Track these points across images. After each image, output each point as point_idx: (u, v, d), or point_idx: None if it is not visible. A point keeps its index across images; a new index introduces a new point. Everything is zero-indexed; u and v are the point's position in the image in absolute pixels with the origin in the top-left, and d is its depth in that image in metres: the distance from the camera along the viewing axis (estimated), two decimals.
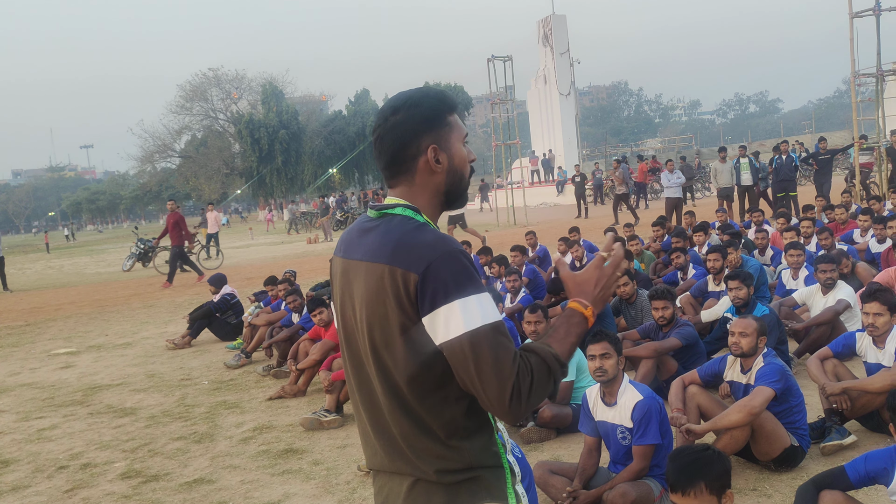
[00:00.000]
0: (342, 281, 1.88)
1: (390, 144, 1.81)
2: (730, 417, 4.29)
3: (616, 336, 4.37)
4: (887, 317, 4.77)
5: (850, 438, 4.65)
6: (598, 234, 15.79)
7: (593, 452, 4.33)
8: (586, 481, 4.22)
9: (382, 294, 1.70)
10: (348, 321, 1.86)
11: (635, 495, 3.87)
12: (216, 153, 61.77)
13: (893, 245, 7.28)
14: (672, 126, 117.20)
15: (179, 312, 13.16)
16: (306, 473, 5.21)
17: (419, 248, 1.68)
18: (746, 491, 4.25)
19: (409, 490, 1.78)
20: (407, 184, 1.85)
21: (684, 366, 5.75)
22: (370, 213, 1.89)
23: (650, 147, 59.51)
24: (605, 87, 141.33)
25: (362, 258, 1.79)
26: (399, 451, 1.78)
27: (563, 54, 38.09)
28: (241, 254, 27.12)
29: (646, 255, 10.37)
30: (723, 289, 7.17)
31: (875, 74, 17.83)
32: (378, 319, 1.72)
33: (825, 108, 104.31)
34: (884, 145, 17.40)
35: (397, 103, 1.83)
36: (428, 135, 1.81)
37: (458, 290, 1.64)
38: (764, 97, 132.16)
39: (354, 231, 1.91)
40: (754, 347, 4.54)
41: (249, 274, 18.49)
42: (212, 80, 62.85)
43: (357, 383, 1.88)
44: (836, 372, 4.95)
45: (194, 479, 5.32)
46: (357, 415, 1.93)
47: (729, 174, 17.33)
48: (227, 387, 7.92)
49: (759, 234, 10.14)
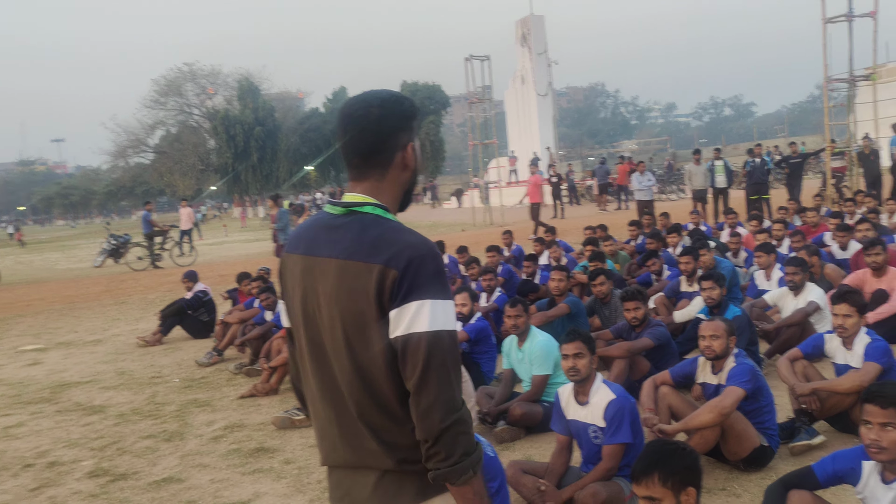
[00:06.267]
0: (303, 278, 1.87)
1: (374, 135, 1.85)
2: (700, 418, 4.31)
3: (590, 335, 4.37)
4: (856, 318, 4.83)
5: (819, 439, 4.70)
6: (574, 235, 15.85)
7: (564, 451, 4.33)
8: (557, 480, 4.23)
9: (362, 291, 1.73)
10: (311, 318, 1.85)
11: (606, 495, 3.88)
12: (191, 149, 61.11)
13: (863, 248, 7.37)
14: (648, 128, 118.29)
15: (151, 309, 13.01)
16: (277, 472, 5.16)
17: (401, 246, 1.73)
18: (716, 490, 4.28)
19: (377, 483, 1.80)
20: (377, 178, 1.88)
21: (657, 366, 5.77)
22: (332, 209, 1.89)
23: (626, 149, 59.93)
24: (582, 89, 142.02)
25: (335, 256, 1.79)
26: (367, 445, 1.79)
27: (540, 55, 38.15)
28: (214, 251, 26.90)
29: (620, 256, 10.42)
30: (696, 289, 7.22)
31: (847, 80, 18.10)
32: (354, 316, 1.75)
33: (798, 112, 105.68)
34: (855, 150, 17.65)
35: (377, 99, 1.87)
36: (406, 132, 1.88)
37: (432, 291, 1.71)
38: (739, 101, 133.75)
39: (316, 228, 1.90)
40: (726, 348, 4.58)
41: (223, 271, 18.33)
42: (187, 74, 62.17)
43: (318, 380, 1.87)
44: (805, 373, 4.99)
45: (163, 478, 5.25)
46: (314, 412, 1.93)
47: (703, 176, 17.51)
48: (199, 385, 7.84)
49: (733, 237, 10.26)
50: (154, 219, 22.63)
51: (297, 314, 1.90)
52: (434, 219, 32.01)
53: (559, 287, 7.44)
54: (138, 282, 18.43)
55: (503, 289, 8.98)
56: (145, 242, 22.15)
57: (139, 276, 20.12)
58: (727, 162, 18.08)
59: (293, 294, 1.91)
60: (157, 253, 22.07)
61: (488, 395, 5.85)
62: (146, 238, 22.08)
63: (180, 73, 62.09)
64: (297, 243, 1.92)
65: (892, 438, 2.88)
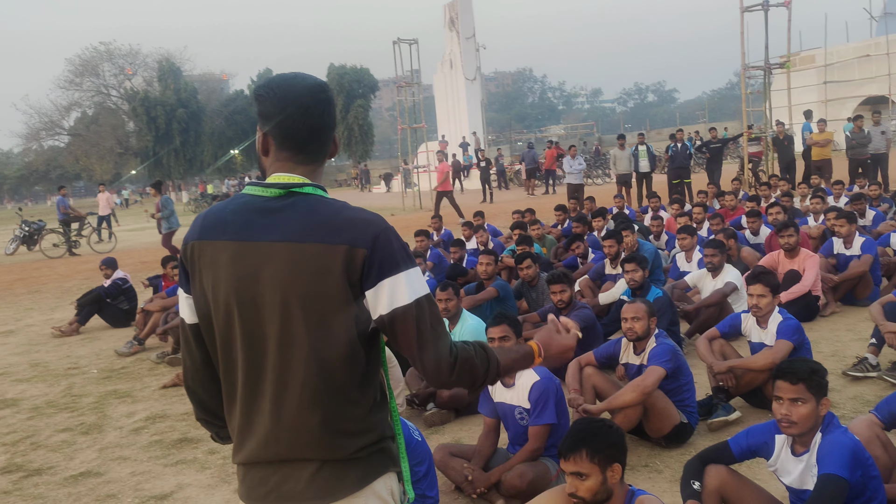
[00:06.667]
0: (234, 265, 1.76)
1: (321, 119, 1.83)
2: (624, 397, 4.42)
3: (515, 318, 4.41)
4: (769, 298, 5.02)
5: (736, 414, 4.88)
6: (502, 219, 15.99)
7: (491, 434, 4.37)
8: (485, 462, 4.27)
9: (324, 273, 1.69)
10: (247, 308, 1.75)
11: (532, 475, 3.93)
12: (109, 131, 58.99)
13: (776, 231, 7.66)
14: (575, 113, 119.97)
15: (67, 298, 12.53)
16: (201, 463, 5.05)
17: (362, 225, 1.73)
18: (639, 467, 4.39)
19: (314, 475, 1.74)
20: (315, 163, 1.86)
21: (582, 347, 5.84)
22: (263, 191, 1.80)
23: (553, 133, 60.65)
24: (510, 74, 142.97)
25: (284, 239, 1.72)
26: (311, 436, 1.73)
27: (468, 39, 38.17)
28: (135, 237, 26.07)
29: (547, 240, 10.56)
30: (620, 272, 7.37)
31: (763, 67, 18.73)
32: (313, 300, 1.70)
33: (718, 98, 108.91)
34: (770, 135, 18.31)
35: (317, 85, 1.85)
36: (335, 119, 1.90)
37: (403, 263, 1.74)
38: (661, 87, 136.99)
39: (247, 212, 1.79)
40: (647, 330, 4.69)
41: (144, 258, 17.80)
42: (103, 54, 60.01)
43: (253, 373, 1.77)
44: (722, 351, 5.17)
45: (80, 473, 5.07)
46: (239, 409, 1.82)
47: (627, 161, 17.86)
48: (118, 375, 7.59)
49: (655, 220, 10.52)
50: (70, 204, 21.78)
51: (222, 306, 1.78)
52: (363, 203, 31.55)
53: (487, 271, 7.49)
54: (54, 270, 17.73)
55: (432, 273, 9.00)
56: (61, 229, 21.32)
57: (55, 263, 19.36)
58: (650, 147, 18.52)
59: (214, 284, 1.79)
60: (73, 239, 21.28)
61: (419, 377, 5.86)
62: (62, 224, 21.25)
63: (96, 53, 59.90)
64: (222, 228, 1.79)
65: (802, 413, 3.00)
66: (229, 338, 1.79)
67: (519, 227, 10.20)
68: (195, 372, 1.93)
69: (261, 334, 1.75)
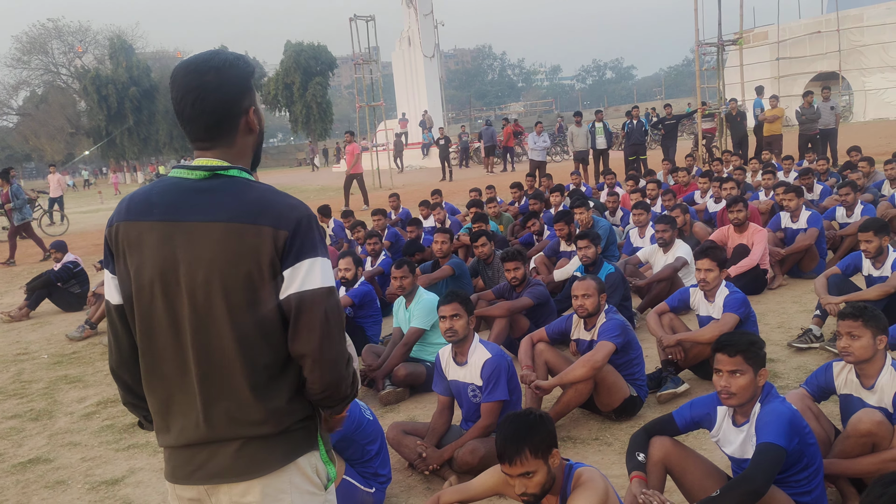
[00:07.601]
0: (162, 246, 1.76)
1: (216, 104, 1.79)
2: (575, 372, 4.48)
3: (467, 296, 4.43)
4: (717, 272, 5.12)
5: (684, 387, 4.98)
6: (460, 197, 15.98)
7: (445, 411, 4.40)
8: (438, 439, 4.30)
9: (250, 252, 1.72)
10: (172, 288, 1.76)
11: (484, 451, 3.98)
12: (59, 111, 57.40)
13: (727, 206, 7.80)
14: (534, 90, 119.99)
15: (16, 283, 12.26)
16: (154, 447, 5.00)
17: (286, 208, 1.76)
18: (589, 441, 4.47)
19: (239, 451, 1.77)
20: (226, 146, 1.84)
21: (536, 324, 5.93)
22: (189, 174, 1.81)
23: (513, 111, 60.64)
24: (469, 51, 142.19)
25: (216, 219, 1.73)
26: (239, 414, 1.76)
27: (426, 16, 37.84)
28: (88, 219, 25.50)
29: (504, 217, 10.60)
30: (574, 249, 7.43)
31: (716, 44, 18.94)
32: (239, 279, 1.72)
33: (675, 75, 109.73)
34: (723, 112, 18.57)
35: (209, 65, 1.80)
36: (247, 95, 1.85)
37: (320, 250, 1.78)
38: (619, 64, 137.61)
39: (175, 193, 1.79)
40: (597, 306, 4.75)
41: (97, 240, 17.42)
42: (52, 31, 58.26)
43: (178, 354, 1.78)
44: (672, 325, 5.26)
45: (29, 459, 5.00)
46: (164, 392, 1.82)
47: (584, 138, 17.95)
48: (69, 360, 7.47)
49: (611, 196, 10.62)
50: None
51: (146, 285, 1.78)
52: (322, 182, 31.49)
53: (443, 249, 7.50)
54: (2, 253, 17.26)
55: (389, 252, 8.97)
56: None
57: (2, 247, 18.84)
58: (607, 124, 18.63)
59: (139, 264, 1.79)
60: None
61: (375, 354, 5.89)
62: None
63: (44, 30, 58.14)
64: (148, 209, 1.80)
65: (740, 384, 3.07)
66: (151, 318, 1.80)
67: (475, 206, 10.22)
68: (120, 354, 1.92)
69: (184, 315, 1.76)
